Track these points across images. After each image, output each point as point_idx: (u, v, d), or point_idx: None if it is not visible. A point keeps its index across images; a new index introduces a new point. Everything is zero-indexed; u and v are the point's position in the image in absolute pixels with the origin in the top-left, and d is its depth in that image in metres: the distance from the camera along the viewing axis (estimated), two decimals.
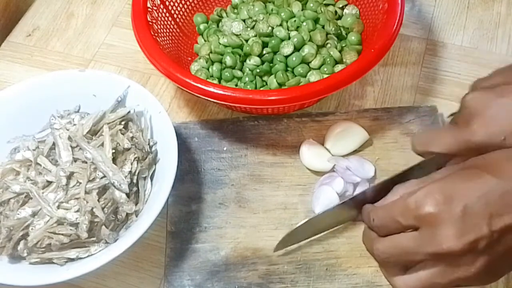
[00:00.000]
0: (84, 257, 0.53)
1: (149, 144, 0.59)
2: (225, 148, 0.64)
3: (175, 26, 0.70)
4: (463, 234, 0.39)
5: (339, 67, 0.64)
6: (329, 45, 0.66)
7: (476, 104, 0.45)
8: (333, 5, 0.70)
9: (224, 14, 0.72)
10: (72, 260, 0.53)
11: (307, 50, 0.64)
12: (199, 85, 0.56)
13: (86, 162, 0.56)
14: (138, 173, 0.56)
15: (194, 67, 0.67)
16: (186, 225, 0.59)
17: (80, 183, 0.55)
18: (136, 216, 0.55)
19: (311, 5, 0.68)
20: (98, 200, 0.54)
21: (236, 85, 0.65)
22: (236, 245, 0.57)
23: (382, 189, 0.48)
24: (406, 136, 0.62)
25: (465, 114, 0.46)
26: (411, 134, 0.62)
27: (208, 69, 0.66)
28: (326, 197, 0.58)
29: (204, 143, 0.64)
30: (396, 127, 0.64)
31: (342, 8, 0.70)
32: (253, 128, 0.65)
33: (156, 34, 0.63)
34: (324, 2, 0.69)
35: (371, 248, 0.45)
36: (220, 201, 0.60)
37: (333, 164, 0.60)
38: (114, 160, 0.56)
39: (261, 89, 0.64)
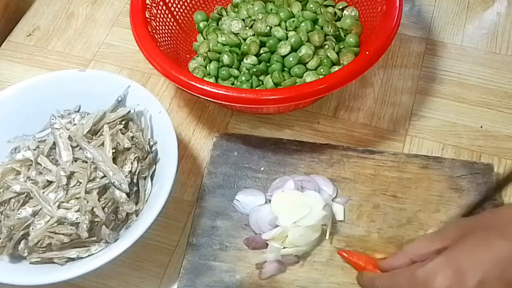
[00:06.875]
0: (85, 257, 0.53)
1: (149, 143, 0.59)
2: (262, 168, 0.61)
3: (175, 24, 0.70)
4: None
5: (335, 69, 0.64)
6: (326, 46, 0.65)
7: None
8: (333, 6, 0.70)
9: (224, 13, 0.72)
10: (72, 259, 0.53)
11: (304, 50, 0.64)
12: (193, 82, 0.56)
13: (87, 162, 0.56)
14: (138, 172, 0.56)
15: (191, 64, 0.67)
16: (208, 240, 0.57)
17: (81, 182, 0.55)
18: (136, 216, 0.56)
19: (311, 5, 0.68)
20: (99, 200, 0.54)
21: (233, 83, 0.65)
22: (253, 272, 0.55)
23: None
24: (454, 192, 0.58)
25: None
26: (460, 191, 0.58)
27: (205, 67, 0.66)
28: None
29: (243, 159, 0.62)
30: (445, 180, 0.59)
31: (342, 10, 0.70)
32: (294, 153, 0.62)
33: (154, 31, 0.63)
34: (324, 3, 0.69)
35: None
36: (246, 223, 0.58)
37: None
38: (114, 159, 0.57)
39: (257, 88, 0.64)
